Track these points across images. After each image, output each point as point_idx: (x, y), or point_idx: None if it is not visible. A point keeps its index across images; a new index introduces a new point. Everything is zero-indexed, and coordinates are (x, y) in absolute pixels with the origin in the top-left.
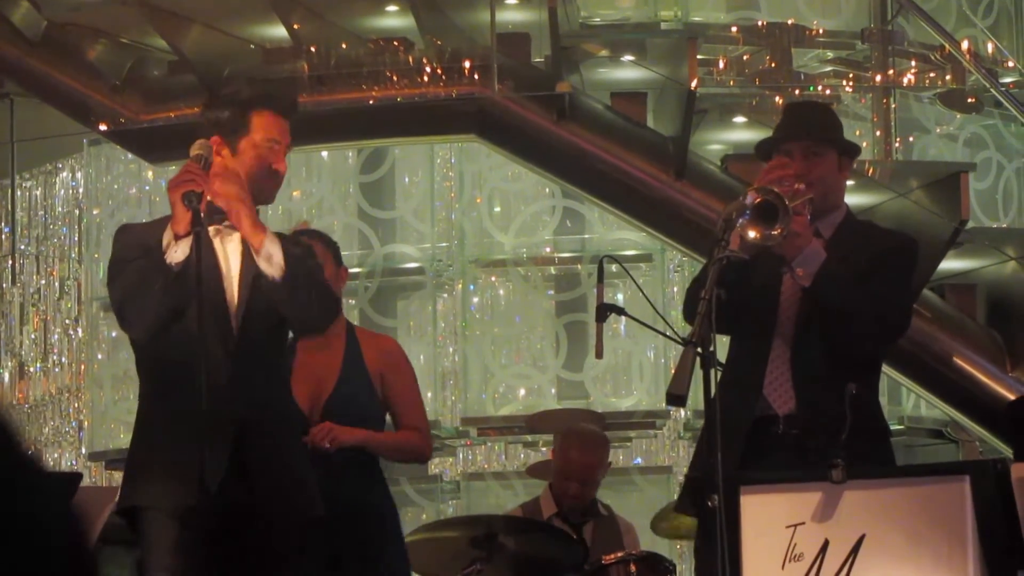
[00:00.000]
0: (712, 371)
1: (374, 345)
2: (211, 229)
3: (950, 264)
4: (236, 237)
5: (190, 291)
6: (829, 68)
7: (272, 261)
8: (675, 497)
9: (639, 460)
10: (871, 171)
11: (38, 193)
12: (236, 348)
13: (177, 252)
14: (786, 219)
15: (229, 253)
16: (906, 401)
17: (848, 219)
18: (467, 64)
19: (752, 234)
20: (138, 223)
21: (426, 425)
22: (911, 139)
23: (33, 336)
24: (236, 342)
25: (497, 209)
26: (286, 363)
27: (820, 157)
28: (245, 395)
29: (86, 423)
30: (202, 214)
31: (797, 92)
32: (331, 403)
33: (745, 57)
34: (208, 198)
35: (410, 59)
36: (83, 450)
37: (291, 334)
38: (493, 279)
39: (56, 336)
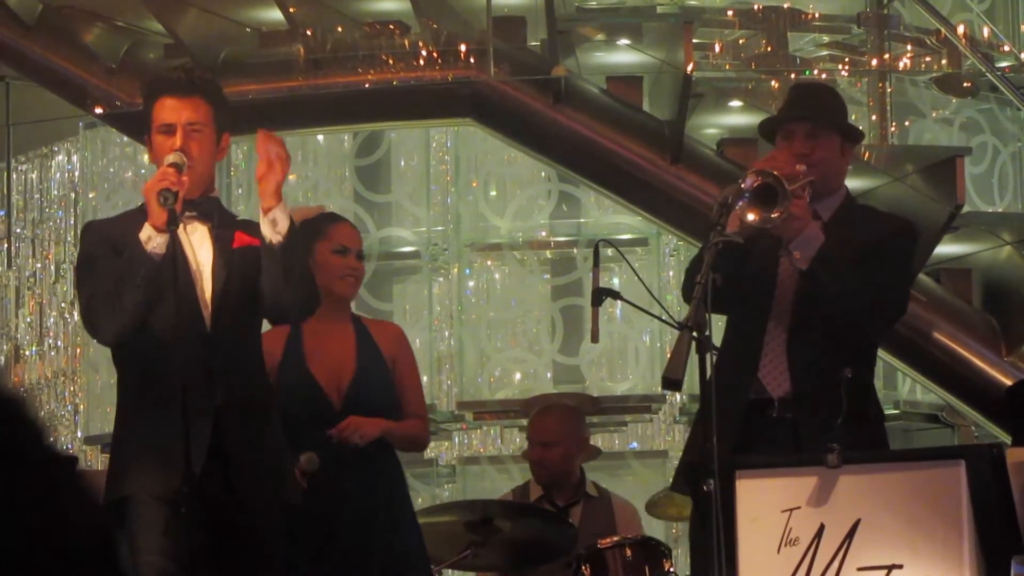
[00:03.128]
0: (708, 355)
1: (382, 331)
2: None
3: (945, 249)
4: (201, 229)
5: (161, 288)
6: (825, 52)
7: (277, 227)
8: (671, 480)
9: (635, 444)
10: (867, 155)
11: (34, 176)
12: (209, 338)
13: (158, 245)
14: (785, 202)
15: (196, 245)
16: (902, 386)
17: (848, 202)
18: (463, 48)
19: (751, 216)
20: (101, 219)
21: (426, 413)
22: (907, 123)
23: (29, 320)
24: (209, 332)
25: (493, 193)
26: (260, 349)
27: (822, 139)
28: (220, 383)
29: (81, 407)
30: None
31: (793, 76)
32: (353, 389)
33: (741, 41)
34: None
35: (406, 43)
36: (79, 433)
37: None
38: (489, 263)
39: (52, 320)
